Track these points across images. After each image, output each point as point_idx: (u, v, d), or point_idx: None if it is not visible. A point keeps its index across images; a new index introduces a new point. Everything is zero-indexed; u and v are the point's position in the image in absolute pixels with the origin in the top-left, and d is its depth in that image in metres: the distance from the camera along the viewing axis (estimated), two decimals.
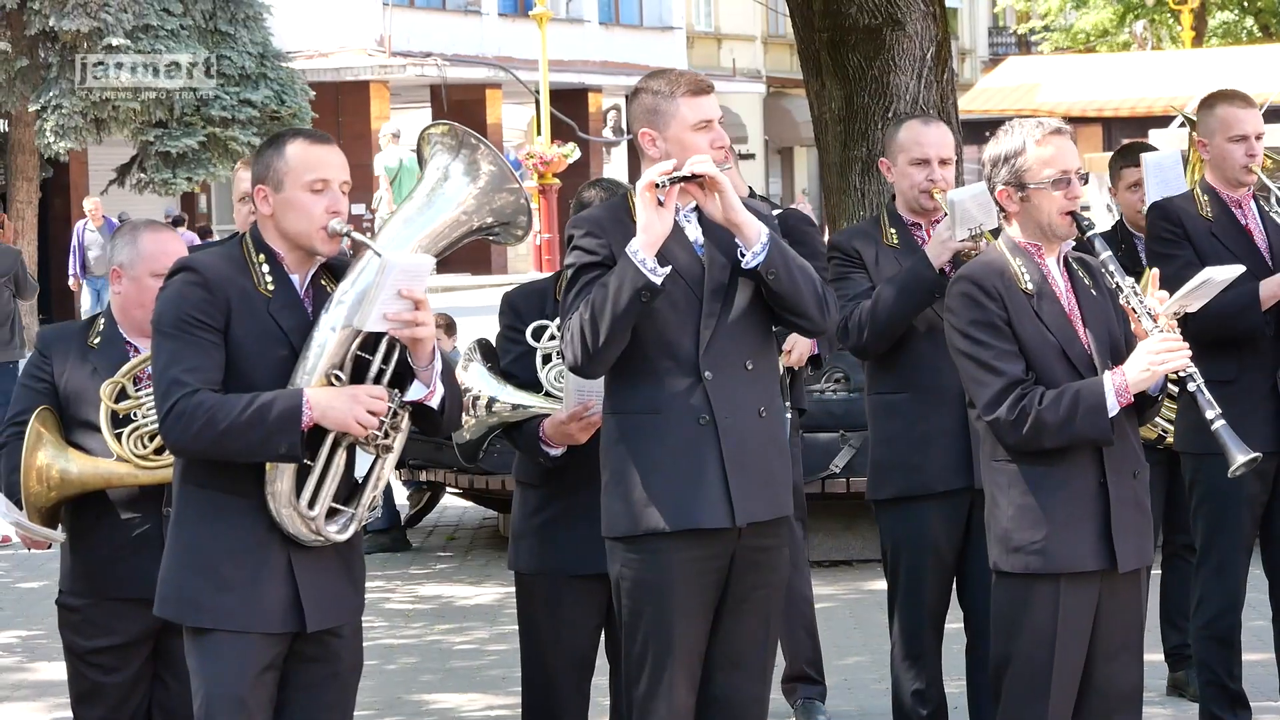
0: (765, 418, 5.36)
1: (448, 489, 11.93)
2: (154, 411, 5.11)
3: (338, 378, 4.88)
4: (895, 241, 6.59)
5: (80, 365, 5.85)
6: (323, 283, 5.01)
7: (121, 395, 5.72)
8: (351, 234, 4.96)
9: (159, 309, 4.94)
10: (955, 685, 6.70)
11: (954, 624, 6.57)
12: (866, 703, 7.87)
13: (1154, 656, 7.78)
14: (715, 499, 5.26)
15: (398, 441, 4.95)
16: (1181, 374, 5.23)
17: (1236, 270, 5.55)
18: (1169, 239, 6.72)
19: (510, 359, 5.98)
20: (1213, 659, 6.85)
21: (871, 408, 6.63)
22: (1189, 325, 6.64)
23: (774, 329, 5.49)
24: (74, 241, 26.52)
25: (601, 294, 5.17)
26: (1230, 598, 6.84)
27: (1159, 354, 5.17)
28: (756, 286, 5.30)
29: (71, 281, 26.78)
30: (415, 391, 4.94)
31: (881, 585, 6.68)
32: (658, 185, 5.18)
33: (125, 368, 5.74)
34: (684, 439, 5.26)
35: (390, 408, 4.90)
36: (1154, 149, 7.97)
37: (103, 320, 5.91)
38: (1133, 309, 5.26)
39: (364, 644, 5.19)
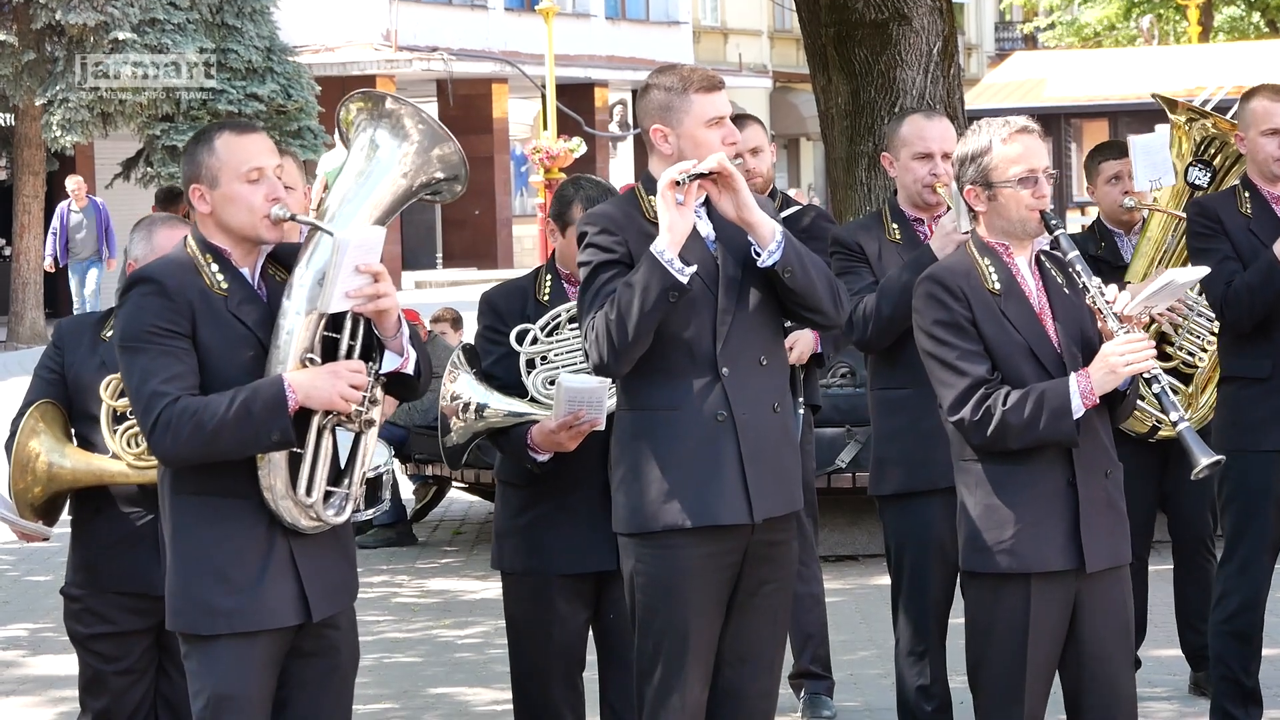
0: (779, 413, 5.36)
1: (453, 483, 11.94)
2: None
3: (312, 360, 4.87)
4: (897, 236, 6.58)
5: (90, 358, 5.86)
6: (270, 272, 5.00)
7: (122, 393, 5.69)
8: (296, 217, 4.95)
9: (121, 326, 4.89)
10: (960, 680, 6.70)
11: (959, 619, 6.56)
12: (873, 698, 7.87)
13: (1166, 652, 7.79)
14: (733, 495, 5.26)
15: (376, 414, 4.96)
16: (1146, 375, 5.21)
17: (1201, 272, 5.54)
18: (1205, 234, 6.70)
19: (492, 360, 5.96)
20: (1230, 655, 6.83)
21: (874, 403, 6.62)
22: (1225, 317, 6.65)
23: (784, 324, 5.49)
24: (56, 223, 25.87)
25: (628, 294, 5.16)
26: (1253, 595, 6.81)
27: (1123, 354, 5.15)
28: (769, 282, 5.30)
29: (48, 263, 26.14)
30: (390, 362, 4.95)
31: (888, 580, 6.68)
32: (678, 183, 5.17)
33: None
34: (702, 435, 5.26)
35: (368, 380, 4.90)
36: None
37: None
38: (1099, 309, 5.24)
39: (369, 638, 5.20)
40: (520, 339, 5.91)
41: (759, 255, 5.26)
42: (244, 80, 27.32)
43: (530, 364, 5.91)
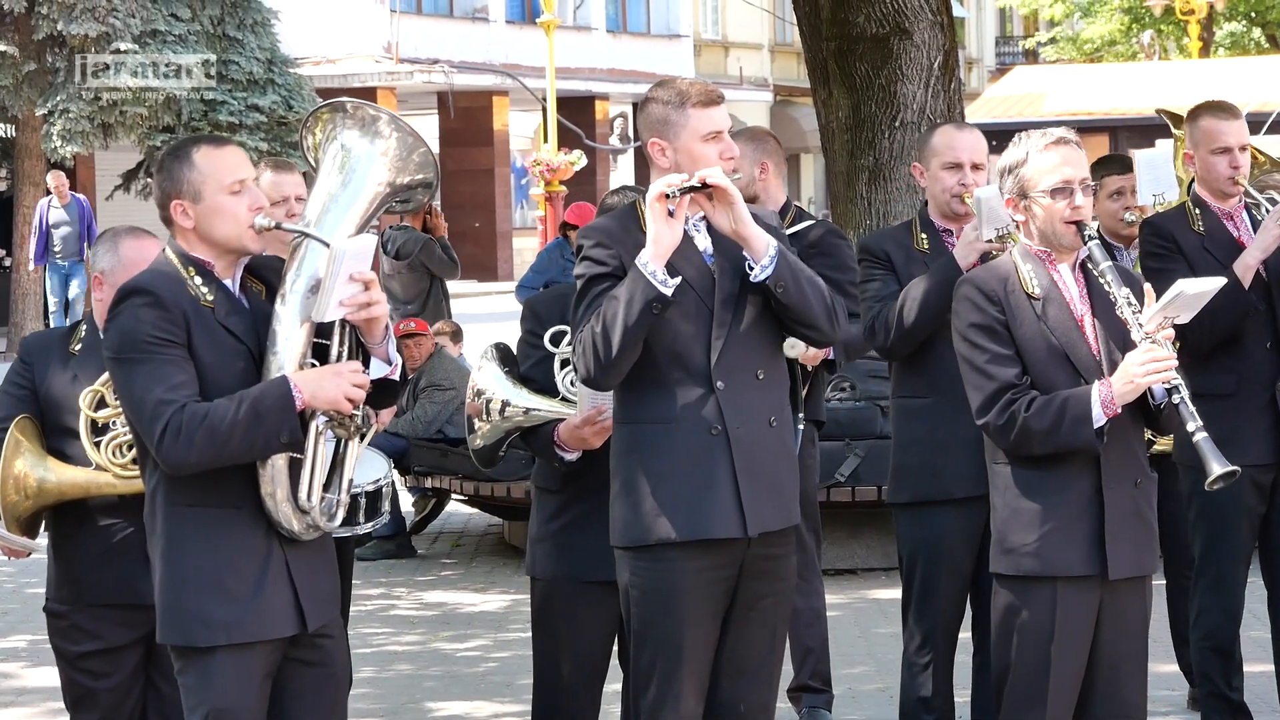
0: (775, 427, 5.35)
1: (453, 495, 11.93)
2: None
3: (313, 365, 4.88)
4: (926, 247, 6.60)
5: (61, 372, 5.82)
6: (247, 282, 5.00)
7: (101, 404, 5.66)
8: (283, 225, 4.96)
9: (118, 338, 4.86)
10: (964, 696, 6.69)
11: (969, 633, 6.56)
12: (872, 712, 7.86)
13: (1165, 668, 7.78)
14: (727, 509, 5.25)
15: (375, 423, 4.96)
16: (1167, 385, 5.23)
17: (1216, 282, 5.52)
18: (1162, 254, 6.72)
19: (530, 364, 5.97)
20: (1212, 670, 6.86)
21: (895, 411, 6.66)
22: (1188, 338, 6.65)
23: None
24: (36, 221, 24.85)
25: (612, 306, 5.16)
26: (1229, 610, 6.84)
27: (1143, 365, 5.18)
28: (767, 296, 5.30)
29: (31, 268, 25.48)
30: (379, 369, 4.95)
31: (887, 594, 6.69)
32: (668, 196, 5.17)
33: (105, 375, 5.69)
34: (696, 449, 5.25)
35: (368, 381, 4.90)
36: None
37: (84, 327, 5.87)
38: (1126, 319, 5.27)
39: (367, 650, 5.20)
40: (555, 341, 5.93)
41: (752, 269, 5.26)
42: (245, 91, 27.33)
43: (564, 364, 5.92)
